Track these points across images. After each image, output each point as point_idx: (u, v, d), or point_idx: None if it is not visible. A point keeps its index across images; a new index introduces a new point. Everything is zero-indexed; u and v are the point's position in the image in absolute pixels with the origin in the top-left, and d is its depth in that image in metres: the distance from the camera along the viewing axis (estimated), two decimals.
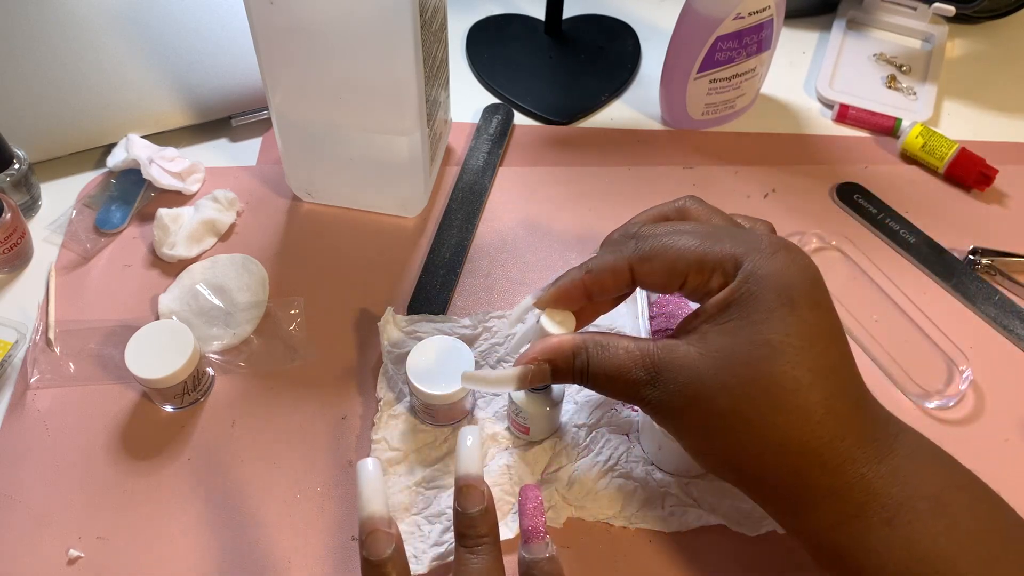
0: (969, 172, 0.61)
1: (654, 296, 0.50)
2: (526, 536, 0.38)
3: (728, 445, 0.36)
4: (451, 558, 0.44)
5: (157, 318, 0.53)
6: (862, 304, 0.55)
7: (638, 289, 0.43)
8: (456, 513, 0.38)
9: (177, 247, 0.56)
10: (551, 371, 0.39)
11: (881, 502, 0.34)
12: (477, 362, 0.49)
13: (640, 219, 0.42)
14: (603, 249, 0.41)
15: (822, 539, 0.35)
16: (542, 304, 0.41)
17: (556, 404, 0.45)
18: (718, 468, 0.38)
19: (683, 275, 0.37)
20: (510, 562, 0.39)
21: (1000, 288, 0.56)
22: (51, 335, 0.52)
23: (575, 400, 0.49)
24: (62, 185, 0.61)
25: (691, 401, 0.36)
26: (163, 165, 0.59)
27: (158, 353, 0.47)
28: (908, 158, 0.64)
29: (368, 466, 0.36)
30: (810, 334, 0.35)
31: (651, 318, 0.49)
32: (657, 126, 0.67)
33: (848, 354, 0.36)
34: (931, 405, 0.50)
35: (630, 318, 0.53)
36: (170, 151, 0.60)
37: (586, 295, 0.40)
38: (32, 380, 0.51)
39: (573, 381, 0.39)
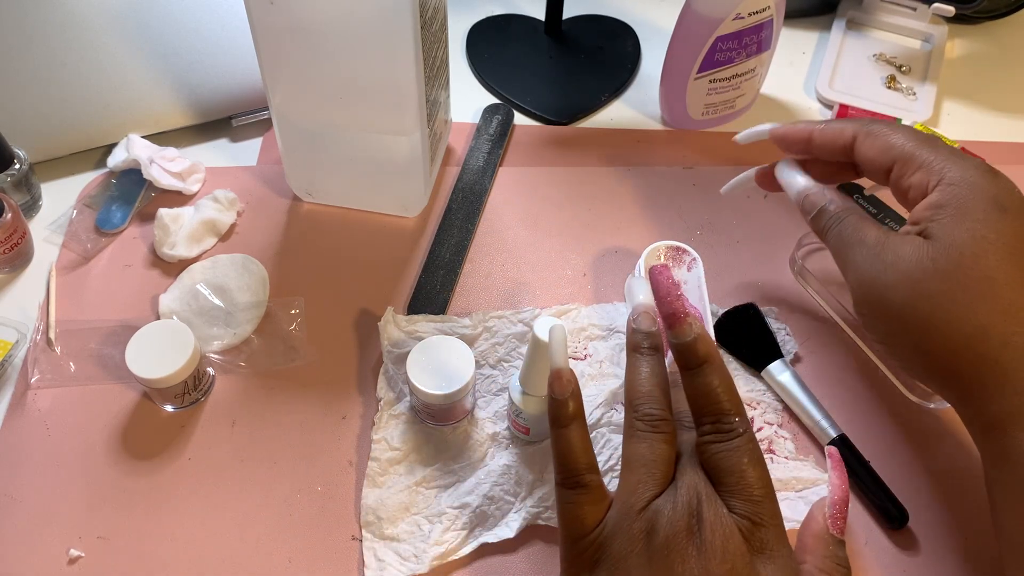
0: None
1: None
2: (668, 321, 0.37)
3: (929, 325, 0.38)
4: (452, 557, 0.44)
5: (157, 318, 0.53)
6: None
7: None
8: (633, 330, 0.40)
9: (177, 247, 0.56)
10: (820, 210, 0.44)
11: None
12: (477, 362, 0.49)
13: None
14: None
15: (998, 432, 0.37)
16: (777, 133, 0.47)
17: None
18: (905, 347, 0.40)
19: (892, 160, 0.42)
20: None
21: None
22: (51, 335, 0.52)
23: None
24: (62, 185, 0.61)
25: (905, 277, 0.38)
26: (163, 165, 0.59)
27: (158, 353, 0.47)
28: None
29: (555, 333, 0.38)
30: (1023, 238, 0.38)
31: None
32: (657, 126, 0.67)
33: None
34: (932, 405, 0.50)
35: None
36: (170, 151, 0.60)
37: (809, 141, 0.45)
38: (32, 380, 0.51)
39: (820, 226, 0.44)
